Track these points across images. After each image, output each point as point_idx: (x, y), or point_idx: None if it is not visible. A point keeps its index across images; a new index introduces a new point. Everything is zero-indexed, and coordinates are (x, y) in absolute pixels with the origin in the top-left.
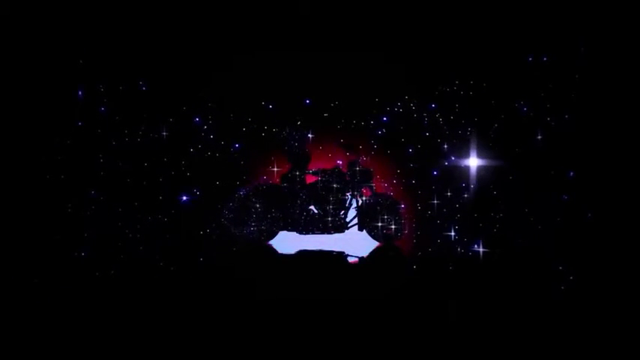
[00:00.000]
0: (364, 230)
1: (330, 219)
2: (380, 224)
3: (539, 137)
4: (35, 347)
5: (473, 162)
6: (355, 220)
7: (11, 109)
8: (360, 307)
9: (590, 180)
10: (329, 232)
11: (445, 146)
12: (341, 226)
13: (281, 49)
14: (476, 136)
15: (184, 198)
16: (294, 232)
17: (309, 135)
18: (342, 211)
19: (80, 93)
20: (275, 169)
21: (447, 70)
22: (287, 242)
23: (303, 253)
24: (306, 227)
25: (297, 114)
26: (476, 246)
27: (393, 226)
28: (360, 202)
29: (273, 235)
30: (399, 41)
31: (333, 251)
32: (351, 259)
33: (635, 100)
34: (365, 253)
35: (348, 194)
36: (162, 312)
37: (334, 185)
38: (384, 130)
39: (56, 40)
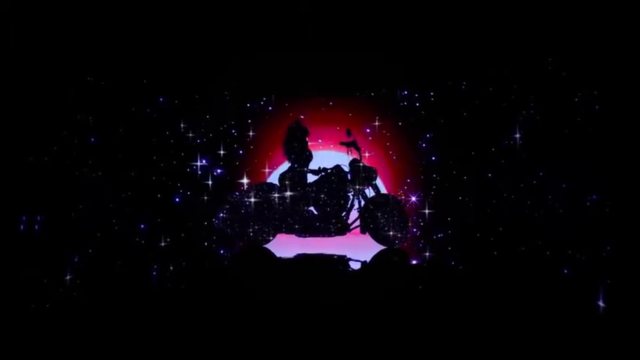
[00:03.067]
0: (367, 232)
1: (331, 220)
2: (383, 226)
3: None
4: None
5: (481, 162)
6: (358, 222)
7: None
8: (362, 313)
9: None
10: (330, 235)
11: (450, 146)
12: (343, 229)
13: (280, 49)
14: (481, 135)
15: (177, 199)
16: (293, 235)
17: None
18: (344, 213)
19: (75, 92)
20: (274, 169)
21: (447, 70)
22: (285, 245)
23: (302, 257)
24: (305, 229)
25: (296, 113)
26: (484, 248)
27: (397, 228)
28: (363, 202)
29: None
30: (399, 41)
31: (334, 255)
32: (353, 264)
33: None
34: (368, 257)
35: (350, 194)
36: (159, 315)
37: (335, 185)
38: (385, 130)
39: (59, 39)
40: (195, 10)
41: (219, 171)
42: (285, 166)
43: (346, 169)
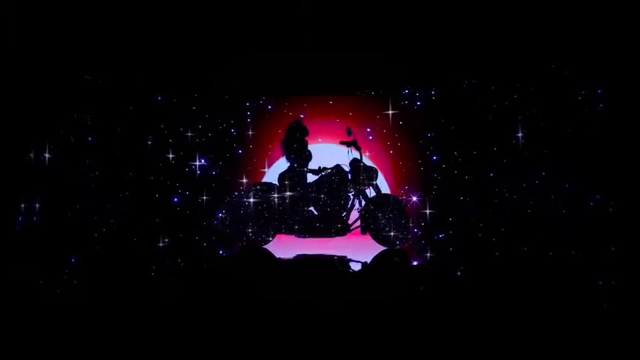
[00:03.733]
0: (368, 233)
1: (331, 221)
2: (384, 227)
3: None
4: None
5: (483, 162)
6: (358, 223)
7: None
8: (363, 314)
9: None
10: (330, 235)
11: (452, 146)
12: (343, 229)
13: (280, 49)
14: (482, 134)
15: (176, 199)
16: (293, 235)
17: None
18: (344, 213)
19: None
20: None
21: (448, 68)
22: (285, 246)
23: (302, 258)
24: (305, 230)
25: (295, 113)
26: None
27: (398, 229)
28: (364, 203)
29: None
30: (399, 41)
31: (334, 256)
32: (353, 264)
33: None
34: (368, 258)
35: (350, 194)
36: (157, 315)
37: (335, 185)
38: (385, 129)
39: (58, 37)
40: (194, 10)
41: (217, 170)
42: (281, 163)
43: (346, 168)
